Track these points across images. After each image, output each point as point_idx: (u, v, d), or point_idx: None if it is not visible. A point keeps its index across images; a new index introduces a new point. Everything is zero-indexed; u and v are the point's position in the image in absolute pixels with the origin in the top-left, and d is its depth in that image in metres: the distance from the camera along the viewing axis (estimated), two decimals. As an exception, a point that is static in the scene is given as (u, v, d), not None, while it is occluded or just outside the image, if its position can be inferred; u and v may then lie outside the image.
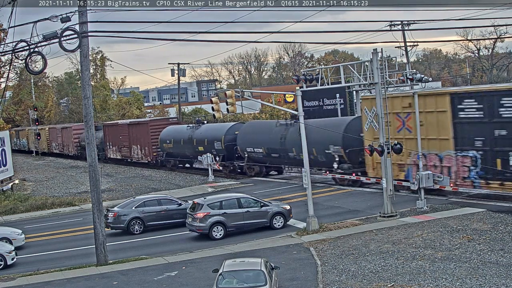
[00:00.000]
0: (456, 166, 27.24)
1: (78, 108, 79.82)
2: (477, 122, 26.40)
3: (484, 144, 26.12)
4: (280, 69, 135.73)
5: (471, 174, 26.67)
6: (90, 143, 22.21)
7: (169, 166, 50.02)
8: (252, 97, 44.89)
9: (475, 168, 26.56)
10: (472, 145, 26.61)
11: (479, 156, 26.33)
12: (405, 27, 52.89)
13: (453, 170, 27.37)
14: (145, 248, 24.46)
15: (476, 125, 26.37)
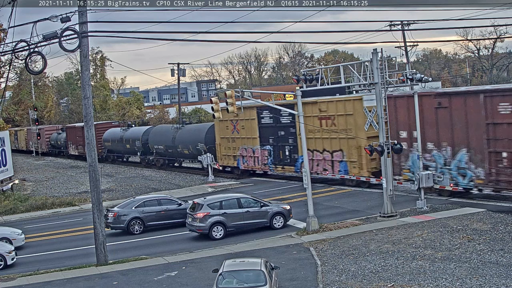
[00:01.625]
0: (260, 156, 39.77)
1: (78, 108, 79.86)
2: (270, 126, 38.81)
3: (274, 141, 38.59)
4: (280, 69, 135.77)
5: (268, 161, 39.16)
6: (90, 143, 22.22)
7: (110, 160, 60.92)
8: (252, 97, 44.89)
9: (270, 157, 39.00)
10: (268, 142, 39.04)
11: (271, 149, 38.75)
12: (405, 27, 52.88)
13: (259, 159, 39.91)
14: (145, 248, 24.46)
15: (269, 128, 38.82)
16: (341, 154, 33.14)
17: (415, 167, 28.12)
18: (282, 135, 37.44)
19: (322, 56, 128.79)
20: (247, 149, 40.66)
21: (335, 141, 33.45)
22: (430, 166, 27.76)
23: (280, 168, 37.91)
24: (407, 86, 28.47)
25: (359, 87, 27.50)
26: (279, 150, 37.79)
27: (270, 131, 38.48)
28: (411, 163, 28.89)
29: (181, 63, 67.43)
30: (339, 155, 33.30)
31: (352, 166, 32.40)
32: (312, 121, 33.74)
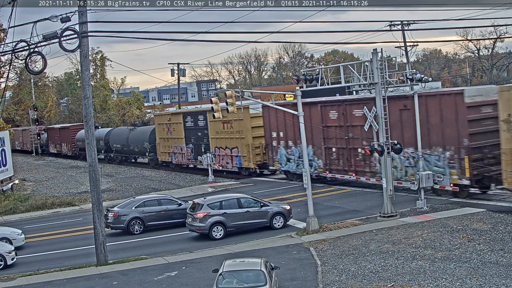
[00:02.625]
0: (186, 152, 47.82)
1: (78, 108, 79.85)
2: (191, 129, 47.05)
3: (194, 140, 46.75)
4: (280, 69, 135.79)
5: (191, 156, 46.97)
6: (90, 143, 22.21)
7: (81, 158, 65.55)
8: (252, 97, 45.02)
9: (192, 153, 46.73)
10: (191, 141, 47.04)
11: (193, 147, 46.73)
12: (405, 27, 52.91)
13: (185, 155, 48.07)
14: (145, 248, 24.46)
15: (191, 130, 46.93)
16: (237, 151, 41.50)
17: (282, 160, 37.85)
18: (199, 135, 45.91)
19: (322, 56, 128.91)
20: (177, 147, 49.18)
21: (232, 141, 41.76)
22: (291, 159, 37.11)
23: (198, 161, 46.14)
24: (407, 86, 28.47)
25: (359, 87, 27.52)
26: (198, 147, 46.46)
27: (192, 132, 47.00)
28: (279, 156, 38.04)
29: (181, 63, 67.58)
30: (235, 151, 41.70)
31: (244, 159, 40.77)
32: (218, 125, 42.72)
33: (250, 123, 39.79)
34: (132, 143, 55.07)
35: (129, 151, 55.77)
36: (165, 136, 50.40)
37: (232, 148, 41.76)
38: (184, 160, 48.10)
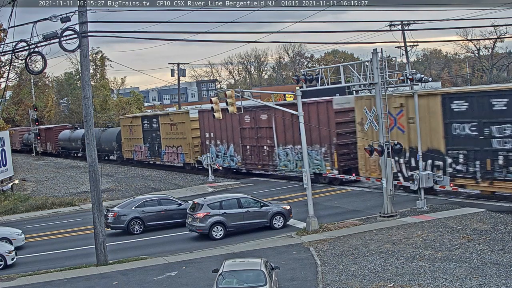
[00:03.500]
0: (144, 151, 53.51)
1: (78, 108, 79.76)
2: (147, 130, 52.63)
3: (150, 140, 52.60)
4: (280, 69, 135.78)
5: (148, 154, 53.04)
6: (90, 143, 22.23)
7: (63, 156, 73.29)
8: (252, 97, 45.03)
9: (149, 151, 52.76)
10: (147, 141, 52.77)
11: (149, 145, 52.77)
12: (405, 27, 52.93)
13: (143, 153, 53.83)
14: (145, 248, 24.46)
15: (147, 131, 52.65)
16: (181, 149, 47.66)
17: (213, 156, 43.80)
18: (154, 136, 51.86)
19: (322, 56, 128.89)
20: (137, 146, 55.10)
21: (178, 140, 48.04)
22: (219, 155, 43.45)
23: (153, 158, 52.58)
24: (407, 86, 28.49)
25: (359, 87, 27.53)
26: (153, 146, 52.40)
27: (148, 133, 52.86)
28: (211, 153, 44.17)
29: (181, 63, 67.60)
30: (180, 150, 47.88)
31: (186, 156, 47.13)
32: (167, 127, 49.37)
33: (190, 125, 46.20)
34: (103, 142, 60.74)
35: (101, 149, 59.89)
36: (128, 136, 56.48)
37: (177, 146, 48.25)
38: (143, 157, 54.48)
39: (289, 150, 36.65)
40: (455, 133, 27.12)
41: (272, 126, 37.74)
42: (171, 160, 49.47)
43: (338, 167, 33.18)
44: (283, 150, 37.03)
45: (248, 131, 40.21)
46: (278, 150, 37.48)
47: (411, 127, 28.78)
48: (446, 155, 27.52)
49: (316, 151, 34.44)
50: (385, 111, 25.94)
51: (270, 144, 38.29)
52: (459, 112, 26.85)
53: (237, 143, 41.30)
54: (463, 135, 26.77)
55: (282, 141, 37.08)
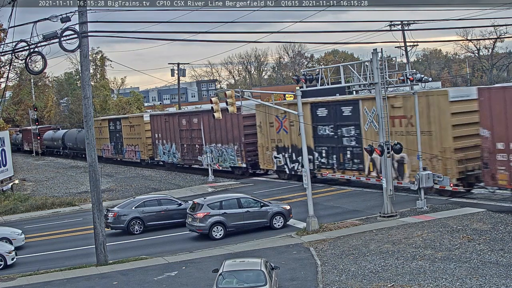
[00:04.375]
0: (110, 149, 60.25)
1: (78, 108, 79.65)
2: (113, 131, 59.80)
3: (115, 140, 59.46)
4: (280, 69, 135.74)
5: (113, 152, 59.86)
6: (90, 143, 22.23)
7: (47, 154, 78.12)
8: (252, 97, 45.07)
9: (114, 149, 59.50)
10: (113, 140, 59.70)
11: (114, 144, 59.39)
12: (405, 27, 52.94)
13: (110, 151, 60.95)
14: (145, 248, 24.46)
15: (113, 132, 59.51)
16: (138, 147, 54.79)
17: (160, 153, 50.98)
18: (118, 136, 58.82)
19: (322, 56, 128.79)
20: (105, 145, 61.75)
21: (135, 140, 55.28)
22: (165, 152, 50.33)
23: (117, 155, 59.64)
24: (407, 86, 28.49)
25: (359, 87, 27.54)
26: (117, 145, 59.14)
27: (113, 134, 59.77)
28: (159, 151, 51.15)
29: (181, 63, 67.66)
30: (137, 148, 54.93)
31: (142, 153, 53.97)
32: (128, 129, 56.41)
33: (144, 127, 53.33)
34: (79, 142, 66.29)
35: (78, 148, 67.23)
36: (98, 137, 60.36)
37: (135, 145, 55.32)
38: (110, 155, 61.48)
39: (213, 148, 43.48)
40: (320, 133, 34.52)
41: (201, 128, 44.69)
42: (130, 157, 56.70)
43: (246, 161, 40.89)
44: (209, 148, 43.87)
45: (184, 132, 47.47)
46: (206, 148, 44.21)
47: (292, 129, 36.69)
48: (315, 150, 34.98)
49: (231, 148, 41.61)
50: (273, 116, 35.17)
51: (200, 143, 45.26)
52: (322, 117, 34.23)
53: (178, 143, 48.49)
54: (325, 135, 34.29)
55: (208, 141, 44.23)
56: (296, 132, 35.46)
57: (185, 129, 47.16)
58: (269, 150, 39.19)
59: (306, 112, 33.78)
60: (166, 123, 49.83)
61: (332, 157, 33.74)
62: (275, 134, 38.38)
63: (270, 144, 38.99)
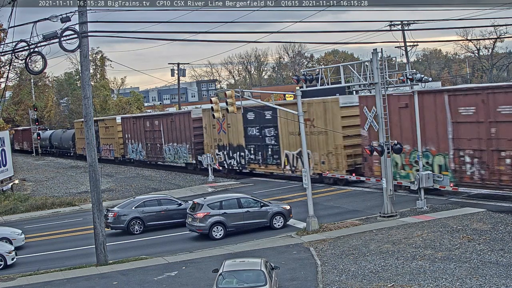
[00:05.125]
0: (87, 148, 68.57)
1: (78, 108, 79.74)
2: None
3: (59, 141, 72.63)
4: (280, 69, 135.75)
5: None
6: (90, 143, 22.23)
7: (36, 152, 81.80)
8: (252, 97, 45.19)
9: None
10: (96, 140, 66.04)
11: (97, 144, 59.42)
12: (405, 27, 52.95)
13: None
14: (145, 248, 24.46)
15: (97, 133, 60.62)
16: (112, 146, 60.46)
17: (130, 151, 56.58)
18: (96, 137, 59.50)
19: (322, 56, 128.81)
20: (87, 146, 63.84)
21: (110, 140, 60.94)
22: (133, 151, 55.61)
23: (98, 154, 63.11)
24: (407, 86, 28.50)
25: (359, 87, 27.54)
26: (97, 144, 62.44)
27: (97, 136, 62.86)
28: (129, 149, 56.90)
29: (181, 63, 67.68)
30: (111, 147, 60.59)
31: (115, 152, 59.72)
32: (103, 130, 61.85)
33: (117, 128, 58.71)
34: (63, 141, 73.51)
35: (63, 147, 74.32)
36: (79, 137, 65.85)
37: (110, 144, 61.14)
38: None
39: (171, 146, 49.19)
40: (249, 134, 40.51)
41: (161, 129, 50.44)
42: (106, 154, 62.09)
43: (194, 158, 46.31)
44: (167, 147, 49.71)
45: (148, 133, 52.84)
46: (165, 147, 49.93)
47: (229, 130, 42.51)
48: (246, 148, 40.98)
49: (184, 147, 47.31)
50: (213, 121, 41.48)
51: (160, 143, 50.87)
52: (250, 120, 40.20)
53: (143, 142, 54.03)
54: (253, 135, 40.23)
55: (167, 140, 49.86)
56: (234, 132, 41.95)
57: (149, 130, 52.68)
58: (212, 148, 44.60)
59: (239, 116, 40.09)
60: (134, 125, 55.54)
61: (258, 154, 39.96)
62: (217, 134, 43.94)
63: (213, 143, 44.48)
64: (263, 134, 39.22)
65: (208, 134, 44.96)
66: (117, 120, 58.88)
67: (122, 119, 58.52)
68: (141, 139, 54.35)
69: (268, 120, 38.18)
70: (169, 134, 49.16)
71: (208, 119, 44.20)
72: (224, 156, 43.32)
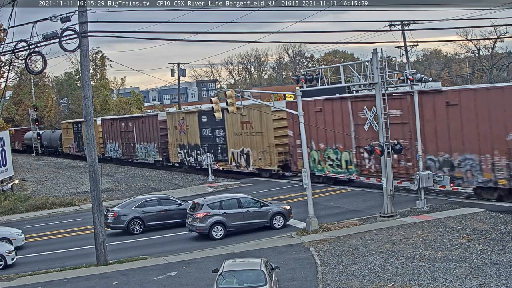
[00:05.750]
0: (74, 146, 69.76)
1: (78, 108, 79.78)
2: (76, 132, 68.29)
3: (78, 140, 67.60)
4: (280, 69, 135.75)
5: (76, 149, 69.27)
6: (90, 143, 22.23)
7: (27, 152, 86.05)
8: (252, 97, 45.28)
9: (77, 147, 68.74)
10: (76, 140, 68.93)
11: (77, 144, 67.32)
12: (405, 27, 52.93)
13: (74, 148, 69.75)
14: (145, 248, 24.46)
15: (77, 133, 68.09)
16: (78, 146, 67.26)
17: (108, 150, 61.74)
18: (79, 136, 66.70)
19: (322, 56, 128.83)
20: (71, 144, 71.09)
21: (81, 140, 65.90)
22: (111, 149, 60.74)
23: (79, 152, 67.62)
24: (407, 86, 28.50)
25: (359, 87, 27.55)
26: (79, 144, 67.35)
27: (76, 134, 68.57)
28: (108, 149, 61.37)
29: (181, 63, 67.65)
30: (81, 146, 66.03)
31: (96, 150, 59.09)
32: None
33: (97, 129, 61.31)
34: (52, 141, 78.48)
35: (51, 146, 79.29)
36: (66, 137, 72.81)
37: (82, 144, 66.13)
38: (74, 152, 70.67)
39: (142, 145, 54.57)
40: (204, 134, 45.55)
41: (134, 130, 55.75)
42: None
43: (162, 156, 51.74)
44: (139, 146, 55.12)
45: (124, 133, 57.88)
46: (137, 146, 55.20)
47: (188, 131, 47.37)
48: (201, 147, 45.95)
49: (153, 146, 52.67)
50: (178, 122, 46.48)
51: (133, 142, 55.96)
52: (204, 122, 45.24)
53: (119, 142, 58.98)
54: (206, 136, 45.28)
55: (138, 140, 55.17)
56: (191, 133, 46.90)
57: (124, 131, 57.87)
58: (175, 147, 49.65)
59: (195, 118, 46.36)
60: (112, 126, 60.22)
61: (211, 152, 44.52)
62: (178, 135, 48.78)
63: (176, 143, 49.43)
64: (214, 134, 44.30)
65: (172, 135, 49.80)
66: (98, 122, 62.28)
67: (102, 120, 63.00)
68: (117, 139, 59.48)
69: (218, 122, 41.71)
70: (140, 134, 54.69)
71: (171, 121, 49.50)
72: (184, 154, 48.50)
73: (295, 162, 36.36)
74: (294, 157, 36.67)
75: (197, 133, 45.98)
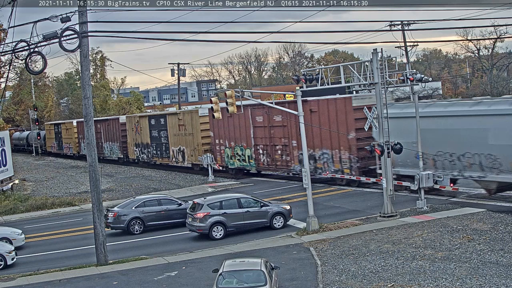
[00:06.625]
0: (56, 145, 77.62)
1: (78, 108, 79.83)
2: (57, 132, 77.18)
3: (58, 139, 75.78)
4: (280, 69, 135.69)
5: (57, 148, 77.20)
6: (90, 143, 22.24)
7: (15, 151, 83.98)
8: (252, 97, 45.37)
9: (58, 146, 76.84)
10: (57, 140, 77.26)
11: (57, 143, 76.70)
12: (405, 27, 52.83)
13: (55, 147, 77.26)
14: (145, 248, 24.46)
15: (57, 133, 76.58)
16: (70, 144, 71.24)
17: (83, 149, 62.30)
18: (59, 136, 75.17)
19: (322, 56, 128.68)
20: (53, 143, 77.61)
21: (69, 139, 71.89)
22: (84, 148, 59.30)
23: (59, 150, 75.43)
24: (407, 86, 28.51)
25: (359, 87, 27.55)
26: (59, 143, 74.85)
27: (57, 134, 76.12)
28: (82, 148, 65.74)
29: (181, 63, 67.63)
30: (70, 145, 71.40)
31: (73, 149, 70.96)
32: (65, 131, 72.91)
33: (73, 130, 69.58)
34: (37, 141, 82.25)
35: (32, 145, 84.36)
36: (49, 137, 79.67)
37: (69, 143, 72.37)
38: (55, 150, 77.05)
39: (108, 145, 61.90)
40: (152, 135, 52.11)
41: (101, 131, 61.79)
42: (66, 151, 73.50)
43: (122, 154, 59.02)
44: (105, 145, 62.34)
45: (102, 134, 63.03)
46: (104, 145, 62.40)
47: (141, 132, 53.96)
48: (151, 146, 52.54)
49: (116, 145, 60.17)
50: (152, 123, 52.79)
51: (101, 141, 62.09)
52: (153, 124, 52.04)
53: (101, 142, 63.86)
54: (154, 136, 51.78)
55: (105, 140, 62.44)
56: (143, 134, 54.00)
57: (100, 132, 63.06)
58: (132, 146, 56.69)
59: (146, 121, 53.48)
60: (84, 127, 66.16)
61: (158, 150, 51.65)
62: (134, 135, 55.84)
63: (133, 142, 56.43)
64: (160, 135, 51.33)
65: (130, 135, 57.21)
66: (74, 124, 70.29)
67: (77, 122, 69.13)
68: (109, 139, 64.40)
69: (163, 124, 50.48)
70: (106, 135, 62.29)
71: (129, 124, 57.00)
72: (139, 152, 55.76)
73: (215, 158, 43.62)
74: (214, 153, 43.67)
75: (148, 134, 53.20)
